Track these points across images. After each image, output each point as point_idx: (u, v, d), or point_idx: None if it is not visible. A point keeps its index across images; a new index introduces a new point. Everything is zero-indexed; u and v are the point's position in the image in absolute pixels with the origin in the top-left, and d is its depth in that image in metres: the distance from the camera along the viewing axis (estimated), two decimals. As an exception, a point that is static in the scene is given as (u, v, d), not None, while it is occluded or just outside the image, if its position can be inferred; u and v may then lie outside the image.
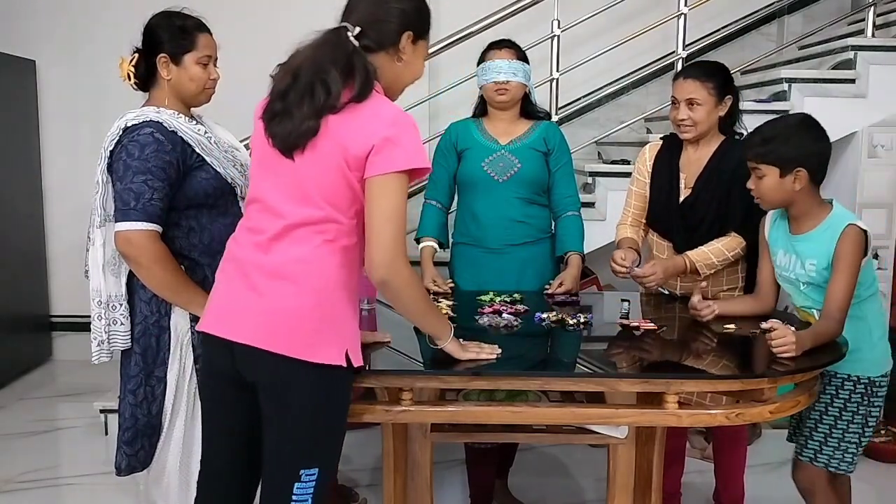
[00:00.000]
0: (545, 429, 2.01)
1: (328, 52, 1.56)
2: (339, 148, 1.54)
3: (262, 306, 1.56)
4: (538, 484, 2.95)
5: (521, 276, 2.60)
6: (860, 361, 2.05)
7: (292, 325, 1.55)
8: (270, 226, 1.58)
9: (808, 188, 2.01)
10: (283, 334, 1.54)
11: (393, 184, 1.53)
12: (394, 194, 1.53)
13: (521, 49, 2.64)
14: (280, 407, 1.57)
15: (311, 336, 1.55)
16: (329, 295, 1.57)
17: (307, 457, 1.58)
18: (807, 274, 2.05)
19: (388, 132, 1.53)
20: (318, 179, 1.55)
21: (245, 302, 1.59)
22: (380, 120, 1.54)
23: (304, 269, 1.56)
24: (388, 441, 2.01)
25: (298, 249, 1.56)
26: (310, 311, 1.55)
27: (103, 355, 1.95)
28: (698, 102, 2.35)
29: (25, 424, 3.66)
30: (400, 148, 1.53)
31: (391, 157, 1.52)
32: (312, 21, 1.55)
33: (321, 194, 1.55)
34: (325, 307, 1.57)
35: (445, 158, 2.69)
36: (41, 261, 4.61)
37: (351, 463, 3.02)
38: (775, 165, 1.99)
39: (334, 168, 1.54)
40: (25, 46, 4.42)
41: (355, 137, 1.53)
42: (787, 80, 3.61)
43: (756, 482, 2.75)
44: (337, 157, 1.54)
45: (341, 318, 1.60)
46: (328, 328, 1.57)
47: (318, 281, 1.56)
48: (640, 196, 2.57)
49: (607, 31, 4.22)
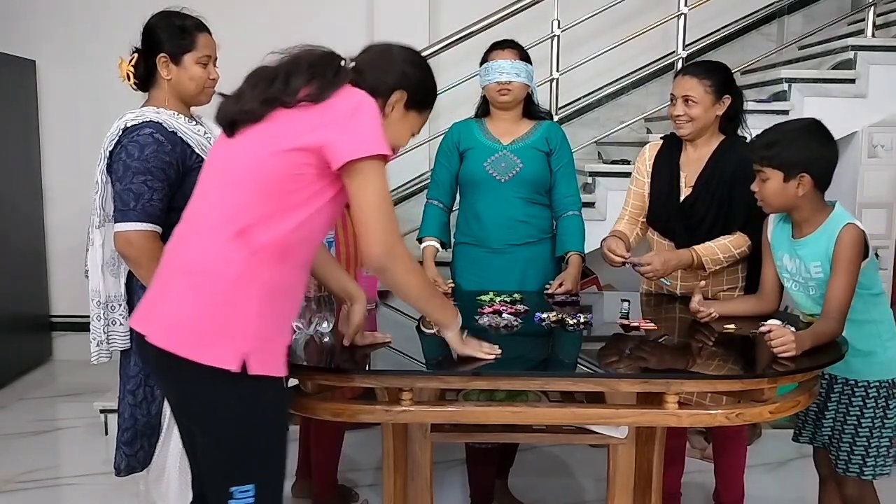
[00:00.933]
0: (545, 429, 2.01)
1: (314, 58, 1.53)
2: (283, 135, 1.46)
3: (164, 303, 1.50)
4: (538, 484, 2.95)
5: (522, 275, 2.60)
6: (878, 365, 2.05)
7: (185, 323, 1.46)
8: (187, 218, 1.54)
9: (811, 193, 2.00)
10: (178, 333, 1.46)
11: (367, 170, 1.46)
12: (371, 181, 1.47)
13: (525, 49, 2.64)
14: (189, 416, 1.52)
15: (202, 336, 1.45)
16: (232, 292, 1.45)
17: (235, 473, 1.49)
18: (813, 277, 2.04)
19: (347, 120, 1.46)
20: (247, 163, 1.47)
21: (153, 298, 1.54)
22: (338, 109, 1.47)
23: (205, 266, 1.47)
24: (388, 441, 2.00)
25: (204, 242, 1.48)
26: (202, 309, 1.45)
27: (103, 356, 1.96)
28: (694, 100, 2.36)
29: (25, 424, 3.66)
30: (361, 134, 1.46)
31: (355, 144, 1.45)
32: (312, 20, 1.55)
33: (248, 180, 1.47)
34: (224, 306, 1.45)
35: (447, 158, 2.69)
36: (41, 261, 4.61)
37: (351, 463, 3.02)
38: (779, 169, 1.98)
39: (274, 153, 1.45)
40: (25, 46, 4.42)
41: (307, 127, 1.46)
42: (787, 80, 3.61)
43: (756, 482, 2.75)
44: (278, 143, 1.46)
45: (244, 320, 1.46)
46: (223, 329, 1.45)
47: (217, 279, 1.46)
48: (639, 195, 2.57)
49: (607, 31, 4.22)
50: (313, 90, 1.47)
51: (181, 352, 1.44)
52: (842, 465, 2.10)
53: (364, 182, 1.47)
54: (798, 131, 2.02)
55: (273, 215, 1.46)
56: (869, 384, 2.06)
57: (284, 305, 1.54)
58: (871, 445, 2.06)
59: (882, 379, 2.05)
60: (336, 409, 1.75)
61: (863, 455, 2.07)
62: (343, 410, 1.76)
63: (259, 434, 1.50)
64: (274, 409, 1.53)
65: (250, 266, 1.46)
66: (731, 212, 2.38)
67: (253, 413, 1.48)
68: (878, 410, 2.06)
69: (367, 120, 1.48)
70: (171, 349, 1.45)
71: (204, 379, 1.44)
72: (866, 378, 2.05)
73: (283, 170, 1.46)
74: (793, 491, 2.14)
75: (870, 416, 2.06)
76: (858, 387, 2.06)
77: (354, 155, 1.44)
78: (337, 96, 1.48)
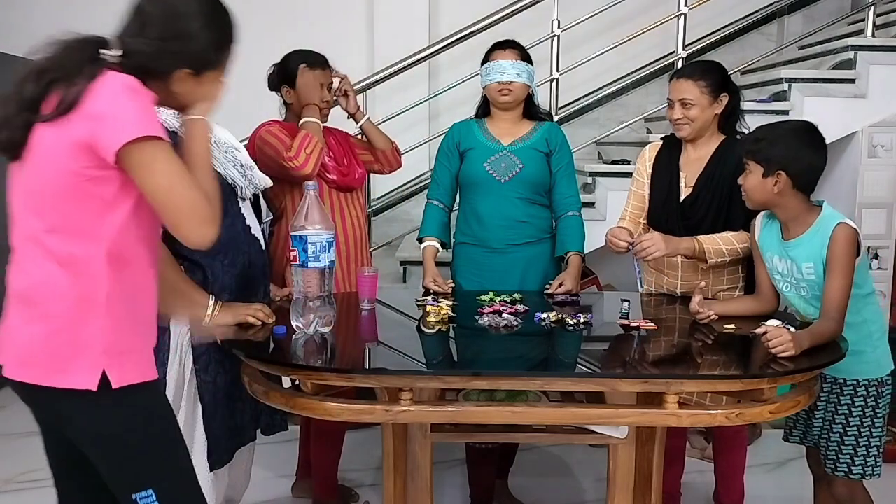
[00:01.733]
0: (545, 429, 2.01)
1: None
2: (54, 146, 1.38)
3: (11, 334, 1.45)
4: (538, 484, 2.95)
5: (523, 276, 2.60)
6: (867, 364, 2.05)
7: (33, 351, 1.42)
8: (14, 243, 1.46)
9: (789, 192, 2.02)
10: (30, 362, 1.42)
11: (147, 151, 1.36)
12: (154, 162, 1.37)
13: (526, 50, 2.64)
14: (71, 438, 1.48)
15: (55, 361, 1.41)
16: (73, 312, 1.41)
17: (131, 481, 1.48)
18: (805, 278, 2.05)
19: (104, 107, 1.36)
20: (40, 185, 1.41)
21: (4, 330, 1.47)
22: (96, 100, 1.37)
23: (36, 290, 1.42)
24: (388, 441, 2.01)
25: (29, 266, 1.43)
26: (46, 334, 1.41)
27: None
28: (691, 102, 2.37)
29: (25, 424, 3.60)
30: (126, 117, 1.36)
31: (122, 128, 1.35)
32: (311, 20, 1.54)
33: (46, 202, 1.40)
34: (69, 327, 1.41)
35: (448, 158, 2.69)
36: (41, 261, 4.60)
37: (351, 463, 3.02)
38: (760, 164, 2.02)
39: (56, 169, 1.38)
40: (25, 46, 4.41)
41: (70, 126, 1.37)
42: (787, 80, 3.61)
43: (756, 482, 2.75)
44: (55, 157, 1.38)
45: (92, 337, 1.42)
46: (73, 350, 1.41)
47: (50, 301, 1.42)
48: (639, 196, 2.57)
49: (607, 31, 4.22)
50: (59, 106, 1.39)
51: (37, 380, 1.41)
52: (830, 465, 2.11)
53: (145, 163, 1.37)
54: (786, 131, 2.05)
55: (82, 230, 1.41)
56: (857, 383, 2.07)
57: (137, 310, 1.49)
58: (860, 445, 2.07)
59: (870, 378, 2.06)
60: (336, 409, 1.75)
61: (851, 455, 2.08)
62: (343, 410, 1.77)
63: (142, 440, 1.48)
64: (149, 414, 1.50)
65: (81, 283, 1.41)
66: (732, 212, 2.38)
67: (129, 423, 1.46)
68: (868, 409, 2.07)
69: (124, 104, 1.37)
70: (27, 380, 1.43)
71: (69, 401, 1.42)
72: (855, 377, 2.06)
73: (69, 181, 1.39)
74: (793, 491, 2.14)
75: (858, 415, 2.07)
76: (847, 386, 2.07)
77: (123, 141, 1.34)
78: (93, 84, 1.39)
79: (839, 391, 2.08)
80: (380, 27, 4.39)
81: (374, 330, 2.19)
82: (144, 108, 1.39)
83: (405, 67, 3.82)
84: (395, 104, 4.08)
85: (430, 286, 2.55)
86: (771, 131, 2.07)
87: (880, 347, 2.09)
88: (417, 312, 2.28)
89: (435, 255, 2.66)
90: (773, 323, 1.98)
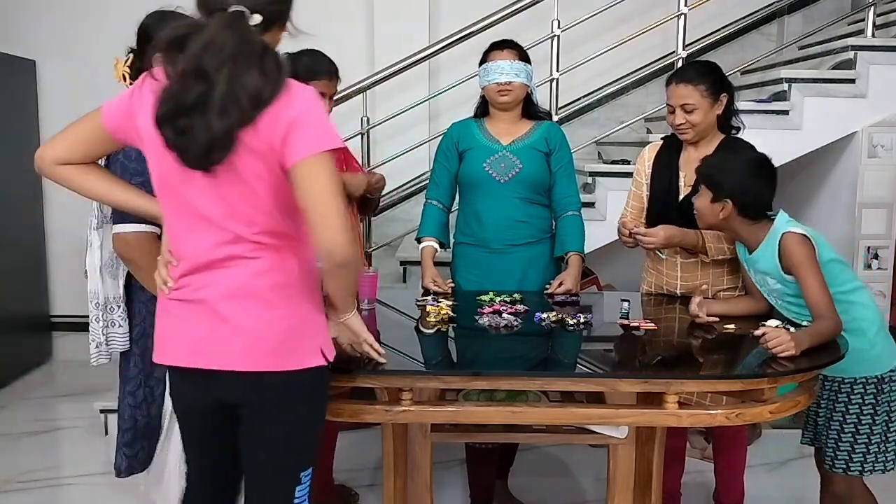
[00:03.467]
0: (545, 429, 2.01)
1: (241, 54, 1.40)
2: (260, 150, 1.43)
3: (235, 329, 1.50)
4: (538, 484, 2.95)
5: (522, 276, 2.60)
6: (862, 362, 2.05)
7: (271, 339, 1.50)
8: (213, 240, 1.49)
9: (735, 219, 2.10)
10: (265, 351, 1.50)
11: (322, 162, 1.43)
12: (326, 172, 1.43)
13: (524, 49, 2.63)
14: (274, 421, 1.54)
15: (291, 344, 1.52)
16: (295, 299, 1.53)
17: (305, 460, 1.59)
18: (773, 288, 2.11)
19: (298, 114, 1.42)
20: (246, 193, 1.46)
21: (213, 328, 1.50)
22: (286, 105, 1.43)
23: (265, 282, 1.50)
24: (388, 441, 2.01)
25: (254, 264, 1.50)
26: (284, 322, 1.51)
27: (102, 357, 1.95)
28: (693, 107, 2.36)
29: (25, 424, 3.66)
30: (313, 129, 1.43)
31: (306, 139, 1.42)
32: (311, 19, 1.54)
33: (258, 207, 1.47)
34: (296, 313, 1.53)
35: (447, 158, 2.69)
36: (41, 261, 4.61)
37: (350, 463, 3.02)
38: (709, 189, 2.12)
39: (261, 176, 1.45)
40: (25, 46, 4.42)
41: (267, 132, 1.42)
42: (787, 80, 3.61)
43: (756, 482, 2.75)
44: (262, 162, 1.44)
45: (310, 318, 1.56)
46: (303, 332, 1.54)
47: (282, 289, 1.51)
48: (638, 196, 2.57)
49: (607, 31, 4.21)
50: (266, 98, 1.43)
51: (274, 367, 1.50)
52: (828, 461, 2.13)
53: (317, 172, 1.43)
54: (740, 162, 2.15)
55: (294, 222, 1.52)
56: (855, 381, 2.08)
57: (318, 294, 1.60)
58: (858, 442, 2.08)
59: (868, 375, 2.07)
60: (336, 409, 1.75)
61: (849, 451, 2.09)
62: (343, 410, 1.77)
63: (320, 418, 1.62)
64: (328, 391, 1.64)
65: (299, 270, 1.53)
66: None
67: (318, 399, 1.61)
68: (866, 407, 2.07)
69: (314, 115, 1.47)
70: (262, 368, 1.50)
71: (295, 383, 1.53)
72: (853, 375, 2.07)
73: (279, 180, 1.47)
74: (793, 491, 2.14)
75: (855, 412, 2.08)
76: (845, 384, 2.09)
77: (308, 153, 1.42)
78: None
79: (837, 389, 2.10)
80: (380, 27, 4.39)
81: (374, 330, 2.19)
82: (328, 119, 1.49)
83: (405, 67, 3.81)
84: (395, 104, 4.08)
85: (429, 286, 2.55)
86: (725, 160, 2.17)
87: (879, 344, 2.09)
88: (417, 312, 2.28)
89: (433, 256, 2.66)
90: (772, 323, 1.99)
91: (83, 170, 1.63)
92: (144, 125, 1.48)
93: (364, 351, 1.71)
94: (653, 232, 2.35)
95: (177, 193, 1.50)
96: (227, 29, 1.40)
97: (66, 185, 1.66)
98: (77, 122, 1.63)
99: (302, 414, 1.57)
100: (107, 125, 1.56)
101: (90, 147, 1.61)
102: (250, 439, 1.57)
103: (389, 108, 4.03)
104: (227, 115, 1.38)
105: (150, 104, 1.45)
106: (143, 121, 1.48)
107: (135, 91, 1.53)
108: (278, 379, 1.51)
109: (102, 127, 1.57)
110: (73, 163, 1.61)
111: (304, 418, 1.57)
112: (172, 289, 1.55)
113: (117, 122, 1.56)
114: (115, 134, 1.57)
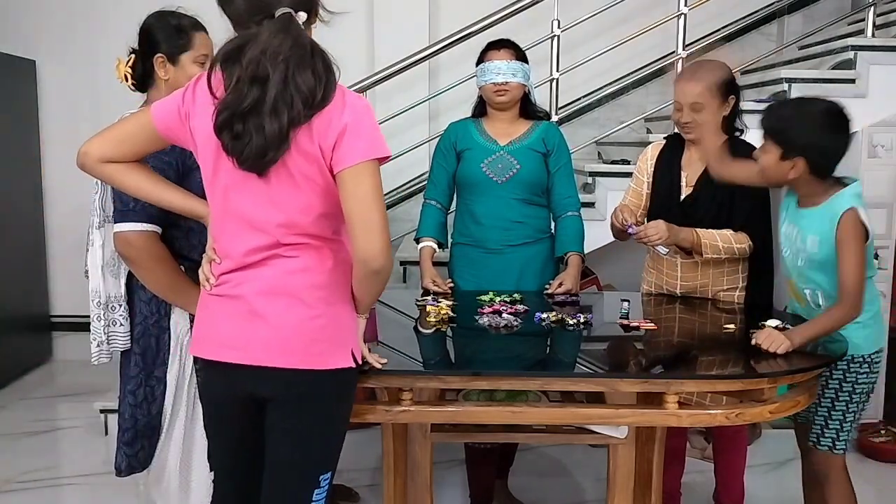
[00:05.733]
0: (545, 429, 2.01)
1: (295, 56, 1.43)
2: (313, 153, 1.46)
3: (269, 325, 1.53)
4: (538, 484, 2.95)
5: (520, 276, 2.60)
6: (856, 340, 2.04)
7: (304, 338, 1.53)
8: (256, 244, 1.53)
9: (806, 177, 1.97)
10: (296, 349, 1.52)
11: (369, 170, 1.46)
12: (373, 180, 1.46)
13: (521, 49, 2.63)
14: (298, 419, 1.56)
15: (323, 344, 1.54)
16: (330, 299, 1.55)
17: (325, 463, 1.59)
18: (807, 249, 2.03)
19: (349, 121, 1.45)
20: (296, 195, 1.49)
21: (247, 324, 1.54)
22: (340, 110, 1.46)
23: (301, 281, 1.53)
24: (388, 441, 2.01)
25: (292, 263, 1.53)
26: (317, 321, 1.53)
27: (103, 356, 1.95)
28: (702, 106, 2.33)
29: (25, 424, 3.66)
30: (364, 136, 1.46)
31: (356, 146, 1.45)
32: (310, 19, 1.54)
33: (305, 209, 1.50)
34: (329, 313, 1.55)
35: (445, 159, 2.69)
36: (41, 261, 4.61)
37: (351, 463, 3.02)
38: (779, 146, 1.96)
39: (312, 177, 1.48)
40: (25, 46, 4.42)
41: (320, 135, 1.45)
42: (787, 80, 3.60)
43: (756, 482, 2.75)
44: (314, 164, 1.47)
45: (343, 320, 1.58)
46: (336, 333, 1.56)
47: (318, 289, 1.54)
48: (637, 193, 2.57)
49: (607, 31, 4.21)
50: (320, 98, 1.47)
51: (306, 364, 1.52)
52: (813, 439, 2.12)
53: (363, 179, 1.46)
54: (811, 114, 1.96)
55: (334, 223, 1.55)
56: (853, 358, 2.06)
57: (350, 297, 1.60)
58: (846, 420, 2.08)
59: (856, 354, 2.05)
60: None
61: (849, 430, 2.09)
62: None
63: (344, 421, 1.63)
64: (354, 395, 1.66)
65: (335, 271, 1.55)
66: (732, 212, 2.38)
67: (346, 402, 1.63)
68: (850, 384, 2.07)
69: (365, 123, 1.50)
70: (293, 365, 1.52)
71: (326, 383, 1.54)
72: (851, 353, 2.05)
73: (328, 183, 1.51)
74: (793, 491, 2.14)
75: (849, 389, 2.07)
76: (842, 361, 2.06)
77: (357, 160, 1.45)
78: None
79: (834, 367, 2.08)
80: (380, 27, 4.39)
81: (374, 330, 2.19)
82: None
83: (405, 67, 3.81)
84: (395, 104, 4.08)
85: (429, 286, 2.55)
86: (797, 110, 1.99)
87: (871, 326, 2.08)
88: (417, 312, 2.28)
89: (432, 256, 2.66)
90: (772, 323, 1.98)
91: (128, 168, 1.65)
92: (198, 126, 1.51)
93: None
94: (651, 224, 2.34)
95: (227, 197, 1.53)
96: (280, 33, 1.43)
97: (109, 182, 1.70)
98: (123, 122, 1.67)
99: (327, 414, 1.58)
100: (158, 125, 1.58)
101: (137, 146, 1.63)
102: (273, 435, 1.58)
103: (389, 108, 4.03)
104: (279, 115, 1.41)
105: (204, 105, 1.49)
106: (197, 122, 1.52)
107: (186, 92, 1.56)
108: (307, 377, 1.53)
109: (153, 127, 1.59)
110: (118, 160, 1.63)
111: (329, 418, 1.58)
112: (214, 285, 1.59)
113: (169, 122, 1.58)
114: (166, 133, 1.59)
